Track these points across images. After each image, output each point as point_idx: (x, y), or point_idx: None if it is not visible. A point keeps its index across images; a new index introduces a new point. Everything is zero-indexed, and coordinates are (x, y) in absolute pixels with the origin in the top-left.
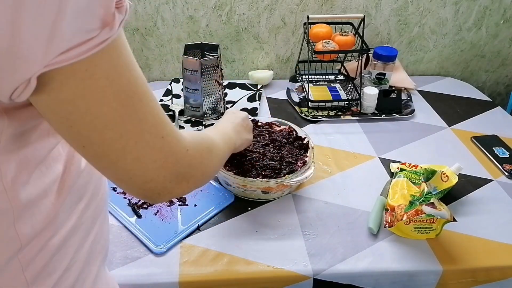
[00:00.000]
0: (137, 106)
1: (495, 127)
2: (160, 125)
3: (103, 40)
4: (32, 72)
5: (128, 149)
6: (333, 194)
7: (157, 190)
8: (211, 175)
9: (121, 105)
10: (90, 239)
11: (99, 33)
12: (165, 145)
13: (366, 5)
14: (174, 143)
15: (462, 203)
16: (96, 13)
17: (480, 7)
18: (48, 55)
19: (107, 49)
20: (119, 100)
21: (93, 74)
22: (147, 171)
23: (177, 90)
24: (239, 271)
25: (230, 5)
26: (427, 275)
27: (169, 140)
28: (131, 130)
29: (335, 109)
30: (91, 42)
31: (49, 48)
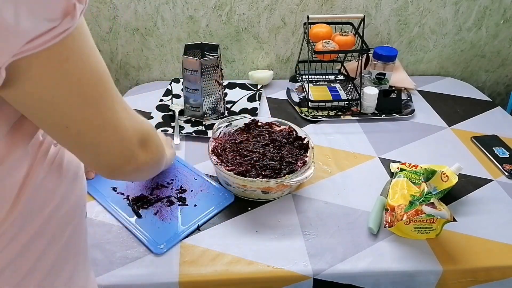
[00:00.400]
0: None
1: (495, 127)
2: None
3: (65, 29)
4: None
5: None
6: (333, 194)
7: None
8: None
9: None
10: (59, 244)
11: (60, 23)
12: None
13: (366, 5)
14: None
15: (462, 203)
16: (57, 4)
17: (480, 7)
18: (15, 45)
19: (69, 39)
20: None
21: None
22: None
23: (177, 90)
24: (239, 271)
25: (230, 5)
26: (427, 275)
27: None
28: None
29: (335, 109)
30: (53, 32)
31: (15, 37)
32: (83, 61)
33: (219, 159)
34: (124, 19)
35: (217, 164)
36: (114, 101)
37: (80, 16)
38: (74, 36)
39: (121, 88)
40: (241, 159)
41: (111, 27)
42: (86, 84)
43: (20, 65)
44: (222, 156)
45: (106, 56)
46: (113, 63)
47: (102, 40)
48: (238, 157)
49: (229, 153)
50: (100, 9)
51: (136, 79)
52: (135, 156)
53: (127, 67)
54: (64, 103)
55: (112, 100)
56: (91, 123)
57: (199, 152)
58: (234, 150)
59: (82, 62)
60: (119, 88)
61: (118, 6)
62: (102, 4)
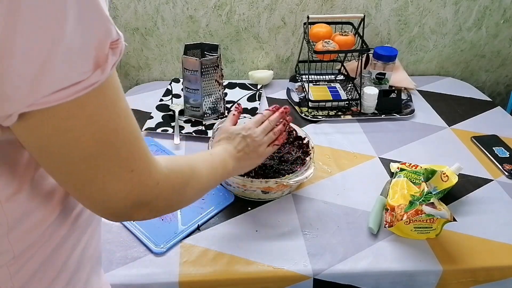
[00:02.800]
0: (113, 143)
1: (495, 127)
2: (133, 159)
3: (92, 83)
4: (13, 110)
5: (96, 181)
6: (333, 194)
7: (116, 214)
8: (181, 207)
9: (97, 143)
10: (81, 246)
11: (90, 76)
12: (133, 178)
13: (366, 5)
14: (144, 177)
15: (462, 203)
16: (89, 55)
17: (480, 7)
18: (33, 96)
19: (94, 92)
20: (96, 139)
21: (74, 115)
22: (109, 199)
23: (177, 90)
24: (239, 271)
25: (230, 5)
26: (427, 275)
27: (138, 173)
28: (102, 165)
29: (335, 109)
30: (79, 85)
31: (35, 88)
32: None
33: None
34: (124, 19)
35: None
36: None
37: (112, 69)
38: (102, 90)
39: None
40: None
41: None
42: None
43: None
44: None
45: None
46: None
47: None
48: None
49: None
50: None
51: (136, 79)
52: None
53: (127, 67)
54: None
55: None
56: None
57: None
58: None
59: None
60: None
61: (118, 6)
62: None
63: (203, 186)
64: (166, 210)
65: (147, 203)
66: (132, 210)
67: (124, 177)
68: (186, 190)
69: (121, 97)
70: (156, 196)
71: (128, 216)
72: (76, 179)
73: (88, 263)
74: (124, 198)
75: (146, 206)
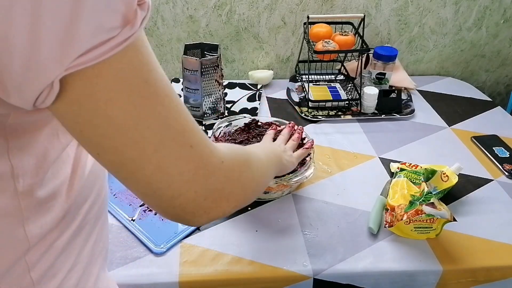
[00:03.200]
0: (156, 109)
1: (495, 127)
2: (188, 133)
3: (125, 39)
4: (54, 76)
5: (145, 157)
6: (333, 194)
7: (189, 208)
8: (254, 191)
9: (134, 107)
10: (92, 240)
11: (120, 32)
12: (194, 155)
13: (366, 5)
14: (206, 154)
15: (462, 203)
16: (117, 10)
17: (480, 7)
18: (68, 57)
19: (127, 49)
20: (133, 102)
21: (112, 78)
22: (173, 183)
23: (177, 90)
24: (239, 271)
25: (230, 4)
26: (427, 275)
27: (199, 150)
28: (148, 136)
29: (335, 109)
30: (111, 42)
31: (69, 49)
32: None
33: None
34: None
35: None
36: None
37: (142, 25)
38: (135, 45)
39: None
40: None
41: None
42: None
43: (74, 77)
44: None
45: None
46: None
47: None
48: None
49: None
50: None
51: None
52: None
53: None
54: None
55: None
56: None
57: None
58: None
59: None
60: None
61: None
62: None
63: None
64: (243, 196)
65: (221, 189)
66: (206, 202)
67: (184, 154)
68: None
69: (155, 60)
70: (226, 178)
71: (205, 210)
72: (126, 158)
73: (98, 258)
74: (192, 181)
75: (221, 193)
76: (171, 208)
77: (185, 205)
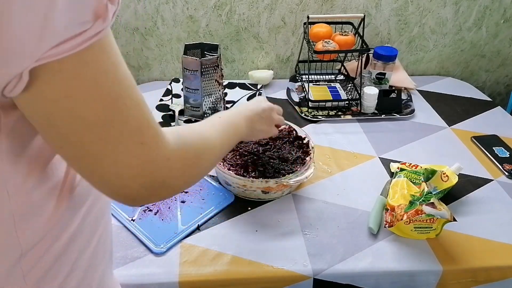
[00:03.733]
0: (120, 109)
1: (495, 127)
2: (143, 130)
3: (96, 33)
4: (24, 66)
5: (106, 153)
6: (333, 194)
7: (132, 196)
8: (197, 180)
9: (104, 108)
10: (93, 243)
11: (92, 25)
12: (144, 152)
13: (366, 5)
14: (154, 151)
15: (462, 203)
16: (89, 4)
17: (480, 6)
18: (40, 49)
19: (97, 45)
20: (103, 102)
21: (80, 72)
22: (122, 177)
23: (177, 90)
24: (239, 271)
25: (230, 4)
26: (427, 275)
27: (148, 147)
28: (111, 134)
29: (335, 109)
30: (84, 35)
31: (41, 41)
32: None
33: None
34: (124, 19)
35: (217, 164)
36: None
37: (113, 18)
38: (104, 41)
39: None
40: (241, 158)
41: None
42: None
43: (44, 69)
44: None
45: None
46: None
47: None
48: (238, 157)
49: (229, 153)
50: None
51: (136, 79)
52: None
53: None
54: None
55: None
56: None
57: None
58: (234, 150)
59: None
60: None
61: None
62: None
63: (217, 155)
64: (183, 186)
65: (162, 182)
66: (148, 191)
67: (135, 151)
68: (200, 162)
69: (122, 63)
70: (169, 173)
71: (145, 198)
72: (86, 153)
73: (102, 261)
74: (137, 176)
75: (162, 185)
76: (116, 195)
77: (129, 194)
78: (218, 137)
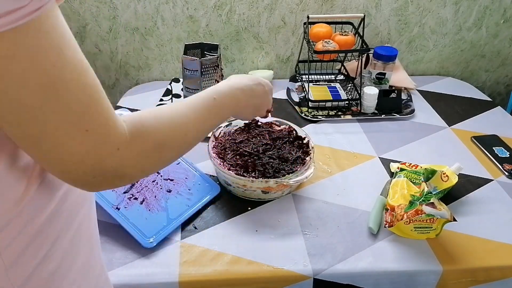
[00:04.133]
0: (60, 93)
1: (495, 127)
2: (88, 117)
3: (34, 9)
4: None
5: (45, 136)
6: (333, 194)
7: (79, 182)
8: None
9: (40, 90)
10: (73, 228)
11: (30, 2)
12: (88, 139)
13: (366, 5)
14: (101, 140)
15: (462, 203)
16: None
17: (480, 7)
18: None
19: (36, 23)
20: (40, 84)
21: (14, 51)
22: (64, 162)
23: (177, 90)
24: (239, 271)
25: (230, 4)
26: (427, 275)
27: (94, 134)
28: (50, 117)
29: (335, 109)
30: (19, 12)
31: None
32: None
33: (219, 159)
34: (124, 19)
35: (217, 164)
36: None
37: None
38: (45, 21)
39: (121, 88)
40: (241, 159)
41: (111, 27)
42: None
43: None
44: (222, 156)
45: (106, 56)
46: (113, 62)
47: (102, 40)
48: (238, 157)
49: (229, 153)
50: (100, 9)
51: (136, 79)
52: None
53: (127, 67)
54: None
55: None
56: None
57: (199, 151)
58: (234, 150)
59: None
60: (119, 88)
61: (118, 6)
62: (102, 4)
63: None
64: (140, 175)
65: (112, 171)
66: (97, 179)
67: (78, 137)
68: (161, 152)
69: (69, 45)
70: (120, 163)
71: (96, 184)
72: (27, 134)
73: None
74: (81, 163)
75: (112, 174)
76: (64, 178)
77: (75, 180)
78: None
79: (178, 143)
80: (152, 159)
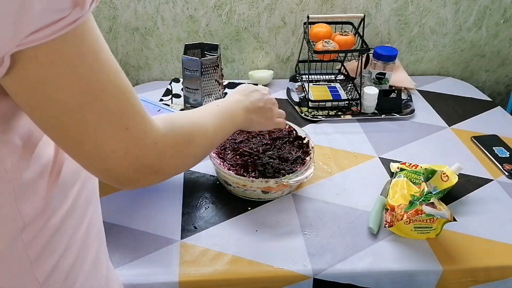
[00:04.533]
0: (99, 94)
1: (495, 127)
2: (127, 116)
3: (74, 20)
4: (5, 51)
5: (87, 136)
6: (333, 194)
7: (119, 179)
8: (189, 165)
9: (80, 93)
10: (85, 222)
11: (70, 13)
12: (128, 136)
13: (366, 5)
14: (140, 136)
15: (462, 203)
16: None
17: (480, 6)
18: (20, 34)
19: (75, 31)
20: (79, 88)
21: (55, 59)
22: (106, 159)
23: (177, 90)
24: (239, 271)
25: (230, 4)
26: (427, 275)
27: (134, 132)
28: (90, 119)
29: (335, 109)
30: (61, 22)
31: (19, 27)
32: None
33: (219, 159)
34: (124, 18)
35: (217, 164)
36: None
37: (91, 7)
38: (83, 29)
39: None
40: (241, 158)
41: (111, 27)
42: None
43: (22, 55)
44: (222, 156)
45: None
46: None
47: None
48: (238, 157)
49: (229, 153)
50: (100, 9)
51: (136, 78)
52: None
53: (127, 67)
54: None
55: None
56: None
57: None
58: (234, 150)
59: (88, 58)
60: None
61: (118, 5)
62: (102, 4)
63: (210, 141)
64: (173, 171)
65: (150, 166)
66: (136, 175)
67: (118, 135)
68: (190, 148)
69: (103, 49)
70: (157, 157)
71: (134, 181)
72: (69, 135)
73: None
74: (123, 159)
75: (151, 169)
76: (105, 177)
77: (116, 176)
78: (212, 124)
79: (202, 141)
80: (183, 154)
